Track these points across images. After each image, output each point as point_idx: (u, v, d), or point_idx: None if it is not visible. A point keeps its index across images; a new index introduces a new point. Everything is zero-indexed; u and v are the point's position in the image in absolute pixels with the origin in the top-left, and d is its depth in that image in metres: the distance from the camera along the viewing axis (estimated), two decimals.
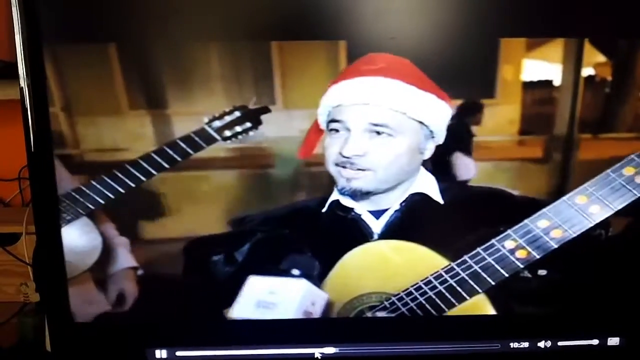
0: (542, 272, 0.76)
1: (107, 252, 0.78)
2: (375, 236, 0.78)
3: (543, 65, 0.72)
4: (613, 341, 0.81)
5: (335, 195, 0.77)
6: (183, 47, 0.71)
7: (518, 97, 0.73)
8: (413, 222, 0.77)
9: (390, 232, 0.77)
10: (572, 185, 0.74)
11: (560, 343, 0.81)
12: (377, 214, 0.77)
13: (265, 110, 0.74)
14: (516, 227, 0.75)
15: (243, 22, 0.71)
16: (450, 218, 0.77)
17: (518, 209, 0.75)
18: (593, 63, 0.72)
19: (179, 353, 0.81)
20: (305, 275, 0.77)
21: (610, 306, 0.80)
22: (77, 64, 0.72)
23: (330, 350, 0.81)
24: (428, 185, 0.76)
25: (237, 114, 0.73)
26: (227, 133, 0.74)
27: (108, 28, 0.71)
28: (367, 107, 0.72)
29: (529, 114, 0.73)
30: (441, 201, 0.77)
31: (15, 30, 0.69)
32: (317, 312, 0.78)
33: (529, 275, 0.76)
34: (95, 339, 0.81)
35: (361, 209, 0.77)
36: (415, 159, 0.75)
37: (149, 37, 0.71)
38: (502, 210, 0.76)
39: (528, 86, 0.73)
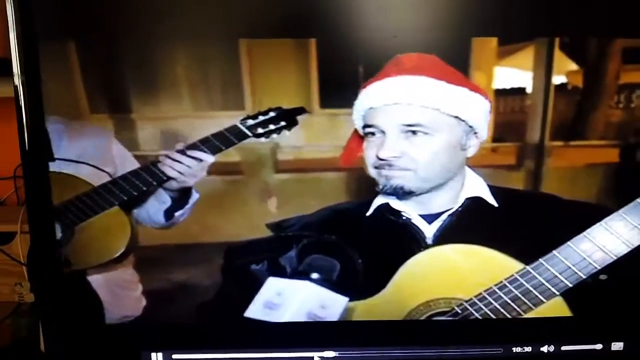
0: (603, 276, 0.74)
1: None
2: (429, 241, 0.77)
3: (514, 73, 0.72)
4: (617, 346, 0.80)
5: (383, 199, 0.76)
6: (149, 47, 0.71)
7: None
8: (470, 225, 0.76)
9: (445, 236, 0.76)
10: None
11: (563, 347, 0.80)
12: (429, 218, 0.77)
13: (301, 110, 0.73)
14: (591, 228, 0.74)
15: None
16: (506, 221, 0.76)
17: (570, 213, 0.75)
18: (564, 70, 0.72)
19: (175, 356, 0.80)
20: (324, 279, 0.76)
21: (614, 311, 0.79)
22: None
23: (329, 354, 0.80)
24: (481, 188, 0.76)
25: (272, 113, 0.73)
26: (260, 130, 0.74)
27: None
28: (397, 107, 0.71)
29: (500, 121, 0.73)
30: (495, 204, 0.76)
31: (9, 28, 0.68)
32: (329, 315, 0.77)
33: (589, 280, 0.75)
34: (90, 341, 0.80)
35: (412, 212, 0.76)
36: (457, 156, 0.74)
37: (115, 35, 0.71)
38: (555, 213, 0.75)
39: (500, 93, 0.73)
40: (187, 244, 0.79)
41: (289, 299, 0.76)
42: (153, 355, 0.80)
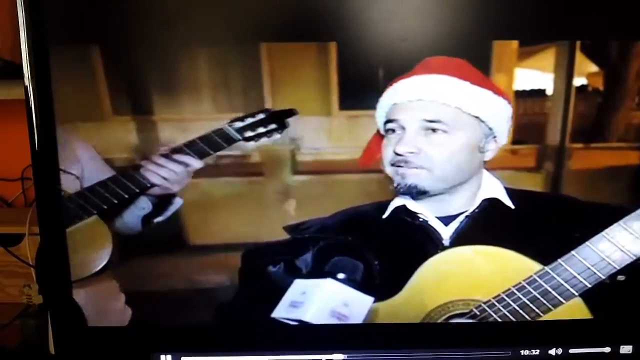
0: (620, 277, 0.74)
1: None
2: (445, 242, 0.76)
3: (535, 74, 0.72)
4: (626, 349, 0.80)
5: (400, 200, 0.76)
6: (171, 51, 0.71)
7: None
8: (486, 227, 0.76)
9: (461, 238, 0.76)
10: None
11: (571, 350, 0.80)
12: (446, 219, 0.76)
13: (291, 112, 0.72)
14: (609, 228, 0.73)
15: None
16: (522, 223, 0.76)
17: (586, 213, 0.75)
18: (585, 72, 0.72)
19: (184, 358, 0.80)
20: (348, 279, 0.76)
21: (624, 313, 0.79)
22: None
23: (338, 357, 0.80)
24: (497, 189, 0.76)
25: (261, 115, 0.72)
26: (249, 133, 0.73)
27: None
28: (420, 103, 0.71)
29: (521, 123, 0.74)
30: (512, 206, 0.76)
31: (20, 29, 0.68)
32: (352, 313, 0.77)
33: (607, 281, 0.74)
34: (100, 342, 0.80)
35: (429, 214, 0.76)
36: (474, 158, 0.74)
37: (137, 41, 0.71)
38: (572, 215, 0.75)
39: (520, 95, 0.73)
40: (204, 245, 0.78)
41: (312, 296, 0.76)
42: (162, 357, 0.80)
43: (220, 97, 0.73)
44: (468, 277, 0.76)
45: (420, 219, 0.77)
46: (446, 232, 0.77)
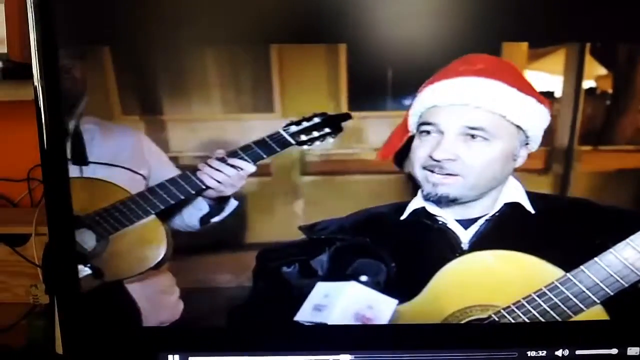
0: None
1: None
2: (465, 246, 0.75)
3: (544, 77, 0.72)
4: (633, 351, 0.80)
5: (419, 203, 0.75)
6: (180, 52, 0.71)
7: None
8: (506, 232, 0.75)
9: (480, 242, 0.75)
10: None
11: (578, 352, 0.80)
12: (466, 223, 0.75)
13: (347, 117, 0.72)
14: (635, 235, 0.72)
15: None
16: (543, 228, 0.75)
17: (608, 219, 0.74)
18: (594, 75, 0.71)
19: (191, 359, 0.80)
20: (371, 281, 0.75)
21: (630, 315, 0.78)
22: None
23: (345, 357, 0.80)
24: (519, 193, 0.74)
25: (317, 119, 0.72)
26: (303, 137, 0.72)
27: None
28: (465, 108, 0.69)
29: None
30: (532, 211, 0.74)
31: (29, 29, 0.69)
32: (376, 316, 0.76)
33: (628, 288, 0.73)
34: (107, 342, 0.80)
35: (448, 217, 0.75)
36: (508, 166, 0.72)
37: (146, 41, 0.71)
38: (593, 220, 0.74)
39: None
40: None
41: (336, 299, 0.75)
42: (170, 357, 0.80)
43: (230, 98, 0.73)
44: (487, 282, 0.75)
45: (440, 222, 0.75)
46: (465, 236, 0.75)
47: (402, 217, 0.76)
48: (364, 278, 0.75)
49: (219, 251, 0.78)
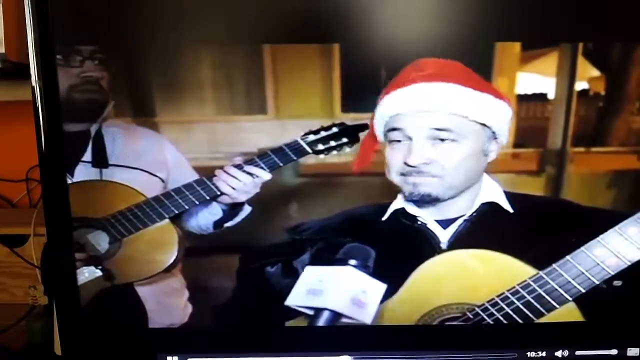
0: (617, 282, 0.74)
1: None
2: (443, 246, 0.76)
3: (537, 78, 0.72)
4: (633, 352, 0.79)
5: (399, 203, 0.76)
6: (174, 52, 0.71)
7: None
8: (485, 231, 0.76)
9: (459, 241, 0.76)
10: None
11: (578, 352, 0.79)
12: (445, 223, 0.76)
13: (364, 127, 0.73)
14: (605, 234, 0.73)
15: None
16: (521, 227, 0.76)
17: (584, 218, 0.74)
18: (586, 76, 0.72)
19: None
20: (361, 265, 0.75)
21: (630, 316, 0.78)
22: None
23: (345, 359, 0.80)
24: (496, 193, 0.75)
25: (334, 129, 0.72)
26: (321, 147, 0.73)
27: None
28: (427, 113, 0.70)
29: (522, 127, 0.73)
30: (511, 210, 0.75)
31: (27, 29, 0.68)
32: (370, 300, 0.76)
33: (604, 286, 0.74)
34: (106, 343, 0.80)
35: (427, 217, 0.76)
36: (480, 162, 0.74)
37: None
38: (571, 220, 0.75)
39: (522, 99, 0.72)
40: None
41: (332, 284, 0.75)
42: (169, 358, 0.80)
43: (223, 98, 0.73)
44: (463, 281, 0.76)
45: (419, 222, 0.76)
46: (444, 236, 0.76)
47: (384, 218, 0.76)
48: (353, 262, 0.75)
49: (228, 253, 0.78)
